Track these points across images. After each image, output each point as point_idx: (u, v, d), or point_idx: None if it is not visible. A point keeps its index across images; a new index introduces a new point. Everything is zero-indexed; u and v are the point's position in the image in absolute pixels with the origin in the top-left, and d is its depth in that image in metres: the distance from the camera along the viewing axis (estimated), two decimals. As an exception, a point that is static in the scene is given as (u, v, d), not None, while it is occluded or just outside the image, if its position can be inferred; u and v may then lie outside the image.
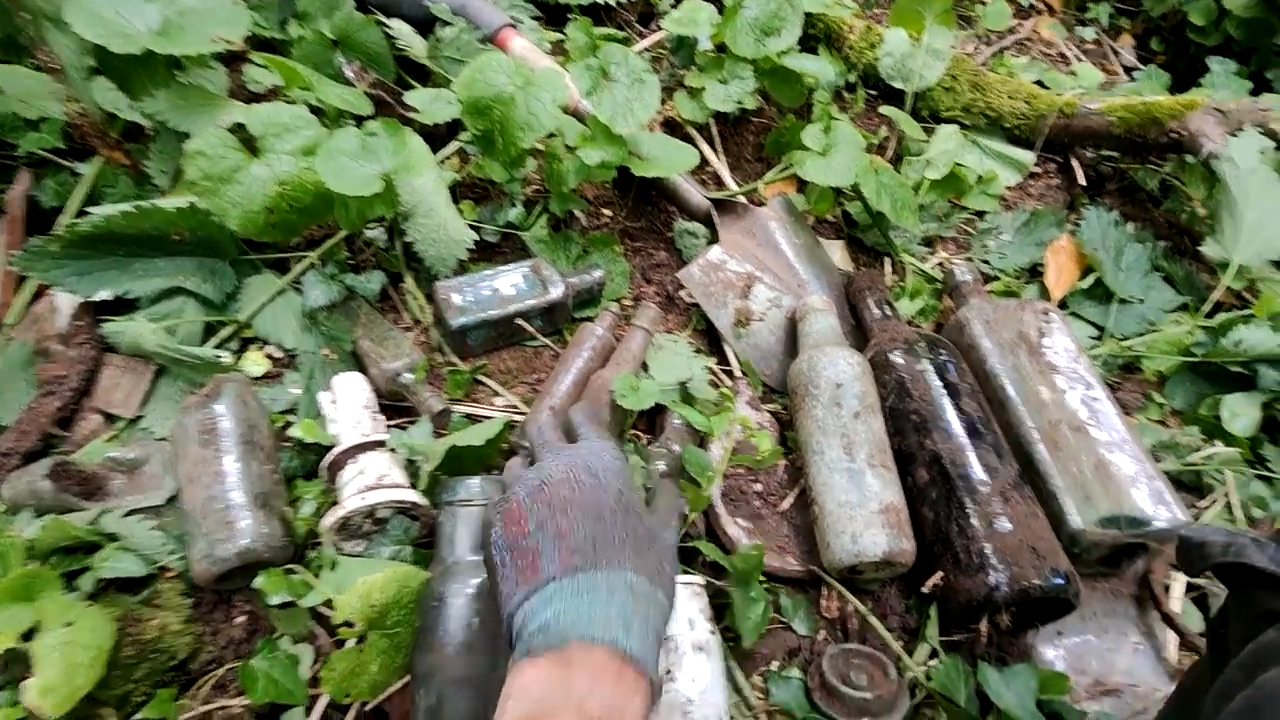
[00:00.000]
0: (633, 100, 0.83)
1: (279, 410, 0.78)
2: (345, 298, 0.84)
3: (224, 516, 0.65)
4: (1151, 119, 1.00)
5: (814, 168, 0.90)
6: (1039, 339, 0.82)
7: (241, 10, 0.81)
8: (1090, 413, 0.76)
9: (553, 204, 0.93)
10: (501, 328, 0.84)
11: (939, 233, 1.04)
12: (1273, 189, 0.91)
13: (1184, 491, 0.84)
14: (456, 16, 1.03)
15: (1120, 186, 1.14)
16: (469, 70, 0.81)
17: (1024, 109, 1.10)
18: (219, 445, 0.68)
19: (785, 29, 0.99)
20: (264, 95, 1.02)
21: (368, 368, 0.80)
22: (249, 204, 0.74)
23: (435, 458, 0.67)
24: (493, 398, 0.85)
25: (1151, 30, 1.45)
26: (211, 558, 0.63)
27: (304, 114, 0.77)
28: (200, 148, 0.72)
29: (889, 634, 0.71)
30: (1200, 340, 0.89)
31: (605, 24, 1.19)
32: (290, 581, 0.66)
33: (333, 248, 0.87)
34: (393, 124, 0.78)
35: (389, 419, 0.80)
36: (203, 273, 0.80)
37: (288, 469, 0.74)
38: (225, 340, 0.81)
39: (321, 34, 0.96)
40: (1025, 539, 0.67)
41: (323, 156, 0.74)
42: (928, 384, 0.78)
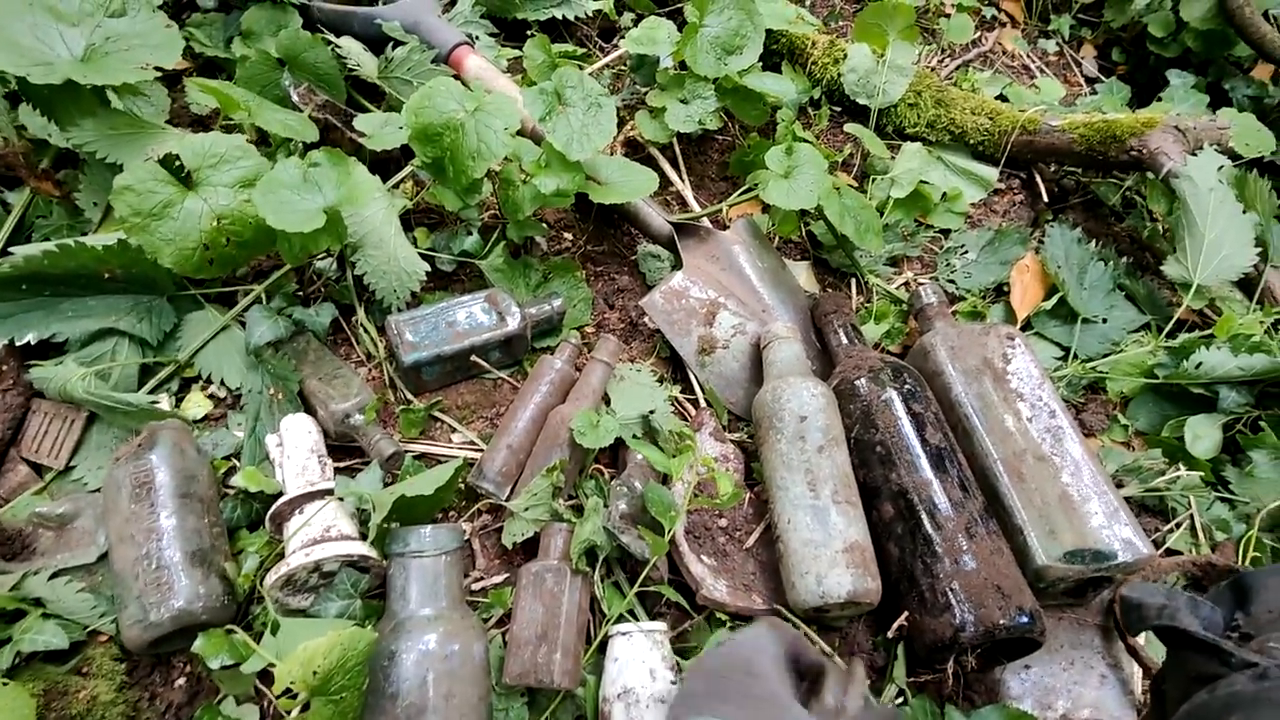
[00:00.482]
0: (589, 125, 0.81)
1: (222, 455, 0.75)
2: (293, 333, 0.81)
3: (158, 577, 0.61)
4: (1112, 136, 1.00)
5: (776, 191, 0.88)
6: (1004, 365, 0.81)
7: (174, 34, 0.77)
8: (1054, 441, 0.75)
9: (510, 230, 0.90)
10: (457, 362, 0.82)
11: (905, 252, 1.03)
12: (1231, 208, 0.92)
13: (1149, 515, 0.84)
14: (409, 34, 1.00)
15: (1083, 200, 1.15)
16: (417, 96, 0.78)
17: (987, 125, 1.09)
18: (153, 500, 0.65)
19: (746, 47, 0.97)
20: (207, 118, 0.98)
21: (316, 409, 0.76)
22: (183, 240, 0.71)
23: (383, 508, 0.64)
24: (449, 434, 0.82)
25: (1113, 41, 1.46)
26: (144, 623, 0.60)
27: (241, 144, 0.74)
28: (129, 182, 0.68)
29: (856, 674, 0.70)
30: (1162, 361, 0.89)
31: (565, 40, 1.16)
32: (232, 643, 0.62)
33: (279, 280, 0.83)
34: (336, 154, 0.75)
35: (339, 460, 0.77)
36: (137, 311, 0.76)
37: (230, 520, 0.70)
38: (164, 381, 0.78)
39: (267, 53, 0.92)
40: (990, 577, 0.66)
41: (261, 190, 0.70)
42: (893, 414, 0.77)
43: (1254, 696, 0.35)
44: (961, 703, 0.69)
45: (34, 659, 0.61)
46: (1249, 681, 0.36)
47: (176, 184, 0.71)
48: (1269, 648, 0.37)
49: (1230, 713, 0.35)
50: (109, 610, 0.64)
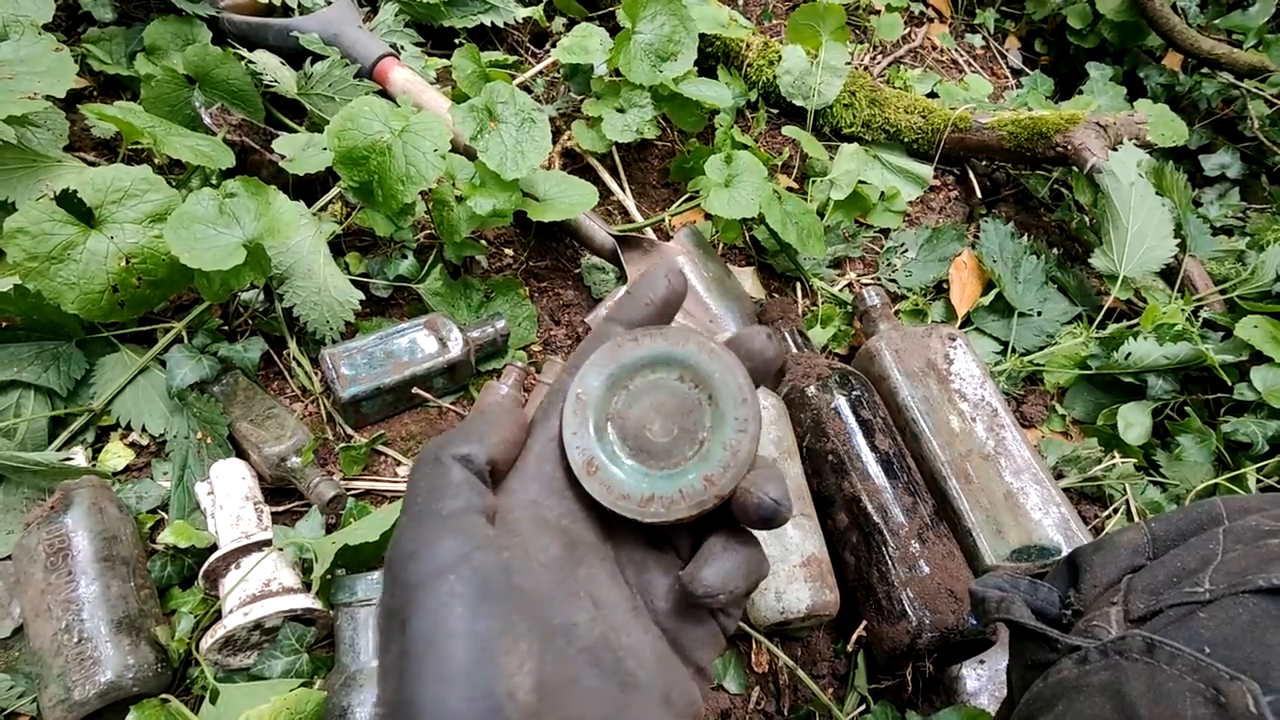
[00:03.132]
0: (523, 143, 0.78)
1: (147, 509, 0.70)
2: (219, 371, 0.76)
3: (80, 651, 0.57)
4: (1039, 134, 1.03)
5: (717, 201, 0.87)
6: (947, 367, 0.83)
7: (65, 58, 0.71)
8: (997, 441, 0.77)
9: (447, 252, 0.87)
10: (399, 393, 0.78)
11: (847, 253, 1.04)
12: (1151, 202, 0.95)
13: (1087, 503, 0.87)
14: (330, 47, 0.95)
15: (1014, 193, 1.18)
16: (339, 118, 0.74)
17: (920, 123, 1.11)
18: (70, 567, 0.60)
19: (681, 53, 0.96)
20: (113, 141, 0.91)
21: (249, 452, 0.72)
22: (88, 283, 0.66)
23: (326, 558, 0.61)
24: (395, 468, 0.79)
25: (1035, 33, 1.50)
26: (68, 702, 0.56)
27: (147, 175, 0.69)
28: (21, 224, 0.63)
29: (817, 685, 0.70)
30: (1094, 353, 0.92)
31: (495, 47, 1.13)
32: (168, 714, 0.59)
33: (201, 315, 0.78)
34: (254, 182, 0.71)
35: (276, 504, 0.73)
36: (43, 360, 0.71)
37: (160, 579, 0.66)
38: (77, 433, 0.72)
39: (174, 71, 0.86)
40: (943, 582, 0.67)
41: (173, 225, 0.66)
42: (843, 421, 0.77)
43: (1075, 682, 0.36)
44: (922, 705, 0.71)
45: (-56, 752, 0.56)
46: (1073, 666, 0.37)
47: (77, 223, 0.66)
48: (1093, 627, 0.38)
49: (1058, 700, 0.36)
50: (29, 690, 0.60)
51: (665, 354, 0.32)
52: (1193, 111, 1.36)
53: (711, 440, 0.30)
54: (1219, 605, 0.33)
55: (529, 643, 0.24)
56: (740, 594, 0.29)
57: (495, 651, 0.24)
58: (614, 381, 0.32)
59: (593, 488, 0.30)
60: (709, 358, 0.31)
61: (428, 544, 0.25)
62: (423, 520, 0.26)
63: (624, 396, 0.32)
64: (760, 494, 0.28)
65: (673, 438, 0.31)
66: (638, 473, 0.30)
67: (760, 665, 0.72)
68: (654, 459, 0.31)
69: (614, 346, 0.32)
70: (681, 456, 0.30)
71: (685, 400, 0.31)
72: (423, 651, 0.23)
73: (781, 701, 0.71)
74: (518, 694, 0.23)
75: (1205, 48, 1.25)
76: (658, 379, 0.32)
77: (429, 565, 0.25)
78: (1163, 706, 0.31)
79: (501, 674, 0.23)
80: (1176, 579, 0.36)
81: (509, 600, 0.25)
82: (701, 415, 0.31)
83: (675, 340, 0.31)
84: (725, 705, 0.70)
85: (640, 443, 0.31)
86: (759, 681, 0.72)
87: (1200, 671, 0.30)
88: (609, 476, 0.30)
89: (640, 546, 0.32)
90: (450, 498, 0.27)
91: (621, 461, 0.31)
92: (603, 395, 0.31)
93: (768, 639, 0.71)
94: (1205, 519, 0.39)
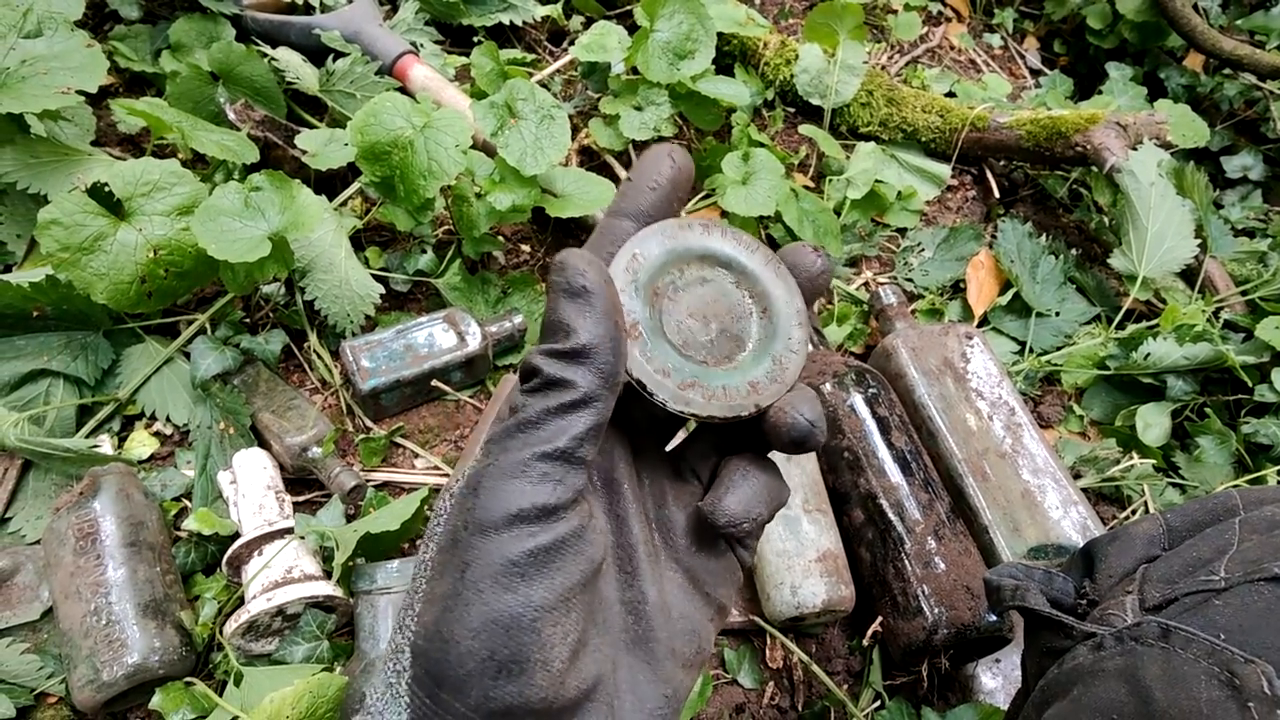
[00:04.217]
0: (542, 139, 0.79)
1: (171, 497, 0.71)
2: (242, 363, 0.77)
3: (109, 634, 0.58)
4: (1057, 133, 1.03)
5: (735, 198, 0.88)
6: (964, 365, 0.82)
7: (96, 54, 0.73)
8: (1014, 439, 0.77)
9: (466, 247, 0.88)
10: (417, 385, 0.79)
11: (863, 252, 1.04)
12: (1171, 202, 0.95)
13: (1106, 504, 0.86)
14: (351, 45, 0.96)
15: (1033, 193, 1.17)
16: (362, 113, 0.75)
17: (938, 123, 1.11)
18: (99, 551, 0.61)
19: (698, 51, 0.96)
20: (138, 137, 0.93)
21: (270, 442, 0.73)
22: (117, 274, 0.67)
23: (347, 547, 0.62)
24: (412, 460, 0.80)
25: (1054, 33, 1.50)
26: (97, 683, 0.57)
27: (176, 168, 0.70)
28: (55, 216, 0.64)
29: (832, 680, 0.70)
30: (1113, 353, 0.91)
31: (513, 45, 1.14)
32: (192, 696, 0.60)
33: (224, 307, 0.79)
34: (279, 176, 0.72)
35: (297, 494, 0.74)
36: (71, 349, 0.72)
37: (184, 565, 0.67)
38: (104, 422, 0.74)
39: (199, 67, 0.87)
40: (960, 578, 0.67)
41: (200, 218, 0.67)
42: (859, 418, 0.77)
43: (1091, 668, 0.36)
44: (937, 702, 0.71)
45: (-24, 730, 0.58)
46: (1088, 653, 0.37)
47: (107, 214, 0.67)
48: (1108, 615, 0.38)
49: (1073, 685, 0.36)
50: (57, 670, 0.61)
51: (731, 257, 0.30)
52: (1214, 113, 1.34)
53: (760, 351, 0.29)
54: (1234, 593, 0.33)
55: (577, 617, 0.25)
56: (763, 522, 0.29)
57: (544, 622, 0.24)
58: (672, 259, 0.29)
59: (633, 358, 0.27)
60: (774, 275, 0.30)
61: (518, 490, 0.25)
62: (503, 463, 0.25)
63: (676, 279, 0.29)
64: (795, 414, 0.27)
65: (713, 337, 0.29)
66: (679, 357, 0.28)
67: (775, 661, 0.73)
68: (695, 350, 0.29)
69: (682, 225, 0.29)
70: (724, 358, 0.29)
71: (736, 306, 0.30)
72: (474, 599, 0.24)
73: (796, 697, 0.71)
74: (553, 664, 0.24)
75: (1227, 48, 1.24)
76: (713, 276, 0.30)
77: (506, 510, 0.24)
78: (1178, 690, 0.31)
79: (544, 643, 0.24)
80: (1192, 568, 0.36)
81: (572, 574, 0.25)
82: (749, 325, 0.30)
83: (744, 246, 0.30)
84: (740, 700, 0.71)
85: (683, 331, 0.29)
86: (773, 677, 0.72)
87: (1215, 655, 0.31)
88: (652, 349, 0.28)
89: (662, 476, 0.31)
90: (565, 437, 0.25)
91: (663, 339, 0.28)
92: (659, 267, 0.29)
93: (782, 634, 0.71)
94: (1221, 510, 0.39)
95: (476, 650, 0.23)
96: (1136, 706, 0.32)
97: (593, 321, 0.25)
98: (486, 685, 0.23)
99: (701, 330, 0.29)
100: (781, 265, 0.30)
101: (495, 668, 0.23)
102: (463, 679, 0.23)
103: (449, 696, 0.23)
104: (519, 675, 0.23)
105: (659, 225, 0.29)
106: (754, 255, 0.30)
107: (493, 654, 0.23)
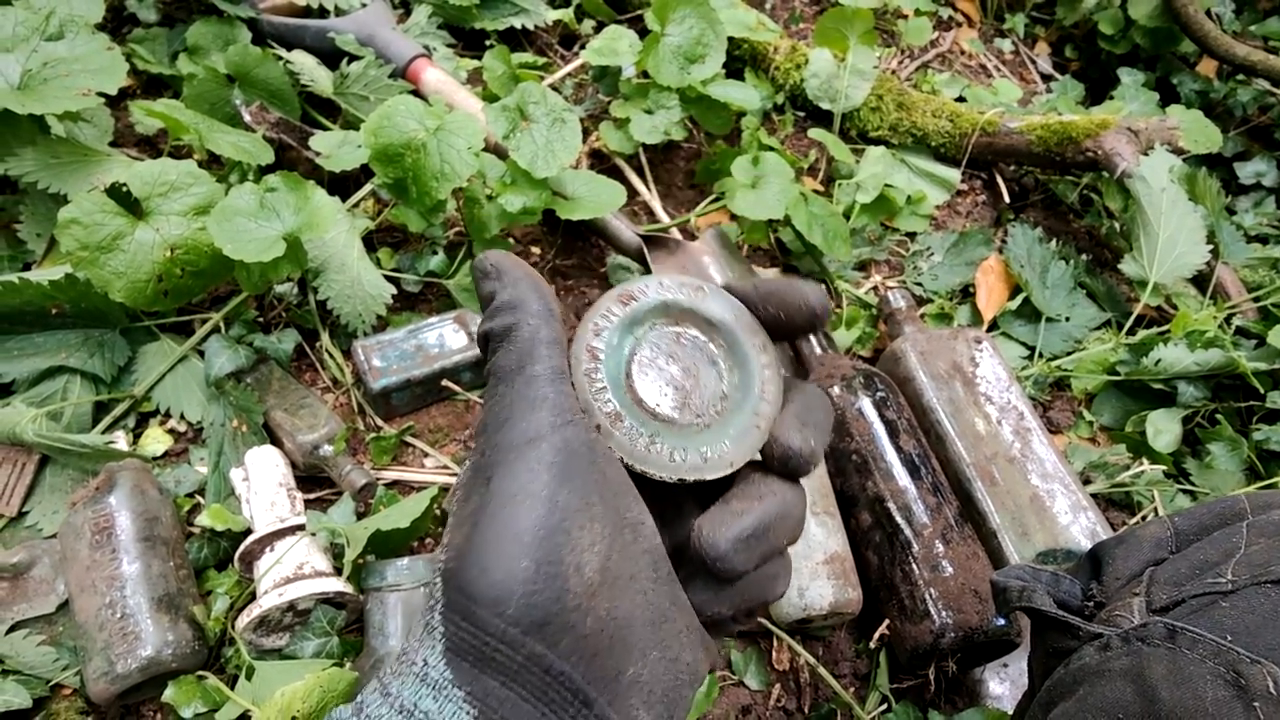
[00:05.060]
0: (554, 142, 0.80)
1: (185, 493, 0.72)
2: (255, 362, 0.78)
3: (123, 627, 0.59)
4: (1068, 138, 1.02)
5: (744, 201, 0.88)
6: (972, 370, 0.82)
7: (116, 57, 0.74)
8: (1023, 444, 0.77)
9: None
10: (427, 385, 0.80)
11: (872, 256, 1.04)
12: (1183, 207, 0.94)
13: (1115, 510, 0.86)
14: (364, 48, 0.97)
15: (1043, 198, 1.17)
16: (376, 116, 0.76)
17: (948, 127, 1.11)
18: (114, 545, 0.62)
19: (709, 55, 0.97)
20: (155, 138, 0.94)
21: (282, 440, 0.74)
22: (135, 273, 0.68)
23: (358, 543, 0.63)
24: (422, 459, 0.80)
25: (1065, 38, 1.49)
26: (111, 675, 0.58)
27: (193, 169, 0.71)
28: (75, 215, 0.65)
29: (838, 683, 0.70)
30: (1123, 359, 0.91)
31: (524, 48, 1.15)
32: (204, 690, 0.61)
33: (238, 306, 0.80)
34: (293, 178, 0.73)
35: (308, 492, 0.75)
36: (89, 346, 0.73)
37: (197, 560, 0.68)
38: (119, 418, 0.75)
39: (215, 70, 0.89)
40: (967, 582, 0.67)
41: (217, 218, 0.68)
42: (867, 422, 0.77)
43: (1097, 668, 0.36)
44: (944, 706, 0.70)
45: (-8, 720, 0.58)
46: (1095, 653, 0.37)
47: (126, 214, 0.68)
48: (1115, 616, 0.38)
49: (1079, 685, 0.36)
50: (72, 662, 0.62)
51: (692, 308, 0.30)
52: (1227, 119, 1.34)
53: (735, 406, 0.29)
54: (1241, 595, 0.33)
55: (602, 525, 0.25)
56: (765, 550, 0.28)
57: (572, 524, 0.24)
58: (640, 318, 0.30)
59: (610, 433, 0.28)
60: (735, 318, 0.30)
61: (522, 411, 0.26)
62: (516, 384, 0.26)
63: (646, 337, 0.30)
64: (785, 443, 0.28)
65: (687, 397, 0.30)
66: (654, 420, 0.29)
67: (781, 663, 0.73)
68: (670, 411, 0.29)
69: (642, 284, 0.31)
70: (699, 416, 0.29)
71: (706, 362, 0.30)
72: (502, 507, 0.24)
73: (802, 699, 0.71)
74: (585, 569, 0.24)
75: (1241, 54, 1.23)
76: (681, 331, 0.31)
77: (522, 431, 0.25)
78: (1184, 689, 0.31)
79: (573, 546, 0.24)
80: (1199, 571, 0.36)
81: (591, 479, 0.25)
82: (720, 380, 0.30)
83: (698, 293, 0.31)
84: (746, 701, 0.71)
85: (657, 393, 0.29)
86: (780, 679, 0.72)
87: (1221, 656, 0.31)
88: (628, 418, 0.28)
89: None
90: (540, 361, 0.27)
91: (636, 403, 0.29)
92: (627, 328, 0.30)
93: (789, 636, 0.71)
94: (1229, 513, 0.39)
95: (510, 555, 0.23)
96: (1142, 706, 0.32)
97: (509, 279, 0.28)
98: (525, 592, 0.23)
99: (674, 391, 0.30)
100: (740, 306, 0.31)
101: (531, 571, 0.23)
102: (499, 590, 0.23)
103: (486, 613, 0.23)
104: (554, 579, 0.23)
105: (621, 287, 0.31)
106: (713, 302, 0.31)
107: (527, 556, 0.23)
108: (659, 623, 0.26)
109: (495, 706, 0.23)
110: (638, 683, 0.25)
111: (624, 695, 0.25)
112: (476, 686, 0.23)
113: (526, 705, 0.23)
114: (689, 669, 0.28)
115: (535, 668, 0.23)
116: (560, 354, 0.27)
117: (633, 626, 0.25)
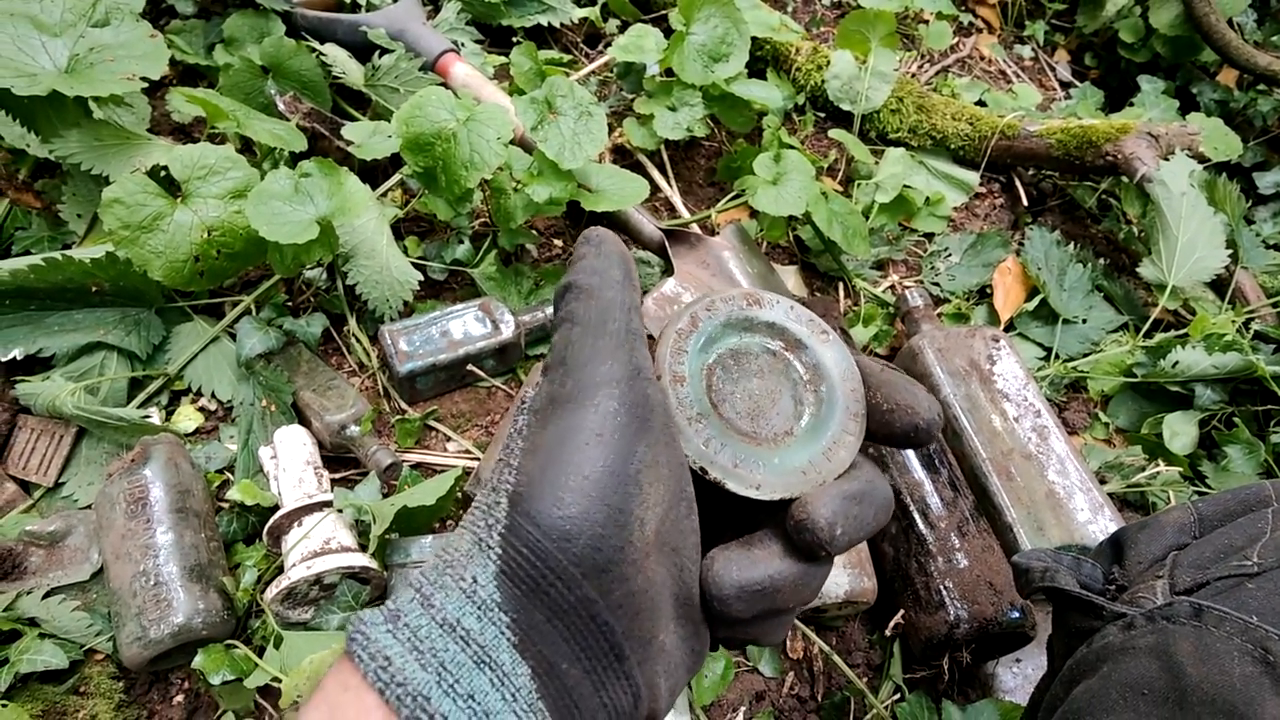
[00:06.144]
0: (580, 134, 0.81)
1: (215, 469, 0.74)
2: (284, 344, 0.80)
3: (156, 594, 0.61)
4: (1088, 142, 1.03)
5: (765, 198, 0.89)
6: (990, 367, 0.83)
7: (160, 44, 0.76)
8: (1040, 440, 0.78)
9: (501, 239, 0.90)
10: (452, 371, 0.81)
11: (890, 255, 1.05)
12: (1202, 212, 0.95)
13: (1130, 510, 0.86)
14: (395, 42, 0.99)
15: (1061, 203, 1.18)
16: (408, 105, 0.78)
17: (967, 130, 1.12)
18: (148, 515, 0.64)
19: (733, 54, 0.98)
20: (189, 126, 0.96)
21: (310, 420, 0.76)
22: (173, 253, 0.70)
23: (384, 520, 0.64)
24: (445, 443, 0.82)
25: (1085, 46, 1.50)
26: (144, 640, 0.59)
27: (231, 154, 0.73)
28: (118, 195, 0.68)
29: (853, 671, 0.71)
30: (1140, 361, 0.91)
31: (550, 46, 1.16)
32: (232, 658, 0.62)
33: (269, 290, 0.82)
34: (327, 164, 0.75)
35: (335, 471, 0.77)
36: (125, 324, 0.75)
37: (226, 533, 0.70)
38: (153, 395, 0.77)
39: (250, 61, 0.91)
40: (982, 574, 0.68)
41: (253, 201, 0.70)
42: (884, 416, 0.78)
43: (1121, 646, 0.37)
44: (957, 697, 0.71)
45: (30, 680, 0.60)
46: (1118, 632, 0.37)
47: (166, 196, 0.70)
48: (1138, 598, 0.38)
49: (1102, 663, 0.37)
50: (105, 628, 0.63)
51: (785, 328, 0.31)
52: (1247, 128, 1.34)
53: (814, 432, 0.29)
54: (1267, 577, 0.33)
55: (665, 488, 0.25)
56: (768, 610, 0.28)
57: (645, 478, 0.24)
58: (731, 328, 0.31)
59: (688, 437, 0.28)
60: (831, 353, 0.30)
61: (606, 355, 0.26)
62: (599, 333, 0.26)
63: (733, 349, 0.31)
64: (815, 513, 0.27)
65: (767, 414, 0.30)
66: (733, 432, 0.29)
67: (795, 651, 0.73)
68: (747, 426, 0.29)
69: (739, 297, 0.31)
70: (777, 436, 0.29)
71: (792, 383, 0.30)
72: (584, 444, 0.24)
73: (816, 687, 0.72)
74: (646, 526, 0.24)
75: (1262, 64, 1.23)
76: (772, 348, 0.31)
77: (607, 372, 0.25)
78: (1210, 665, 0.31)
79: (643, 500, 0.24)
80: (1224, 554, 0.37)
81: (663, 440, 0.25)
82: (804, 403, 0.30)
83: (799, 319, 0.31)
84: (760, 688, 0.72)
85: (737, 406, 0.30)
86: (794, 667, 0.73)
87: (1249, 633, 0.31)
88: (708, 426, 0.28)
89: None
90: (620, 320, 0.27)
91: (716, 414, 0.29)
92: (716, 337, 0.30)
93: (804, 625, 0.72)
94: (1254, 500, 0.40)
95: (587, 495, 0.23)
96: (1168, 682, 0.33)
97: (605, 249, 0.29)
98: (595, 535, 0.23)
99: (754, 407, 0.30)
100: (854, 370, 0.30)
101: (604, 515, 0.23)
102: (570, 526, 0.23)
103: (552, 546, 0.23)
104: (623, 529, 0.23)
105: (716, 295, 0.31)
106: (830, 350, 0.31)
107: (603, 499, 0.23)
108: (686, 602, 0.27)
109: (536, 640, 0.23)
110: (664, 651, 0.26)
111: (651, 660, 0.25)
112: (522, 616, 0.23)
113: (565, 646, 0.23)
114: (695, 655, 0.28)
115: (584, 612, 0.23)
116: (639, 321, 0.28)
117: (666, 597, 0.26)
